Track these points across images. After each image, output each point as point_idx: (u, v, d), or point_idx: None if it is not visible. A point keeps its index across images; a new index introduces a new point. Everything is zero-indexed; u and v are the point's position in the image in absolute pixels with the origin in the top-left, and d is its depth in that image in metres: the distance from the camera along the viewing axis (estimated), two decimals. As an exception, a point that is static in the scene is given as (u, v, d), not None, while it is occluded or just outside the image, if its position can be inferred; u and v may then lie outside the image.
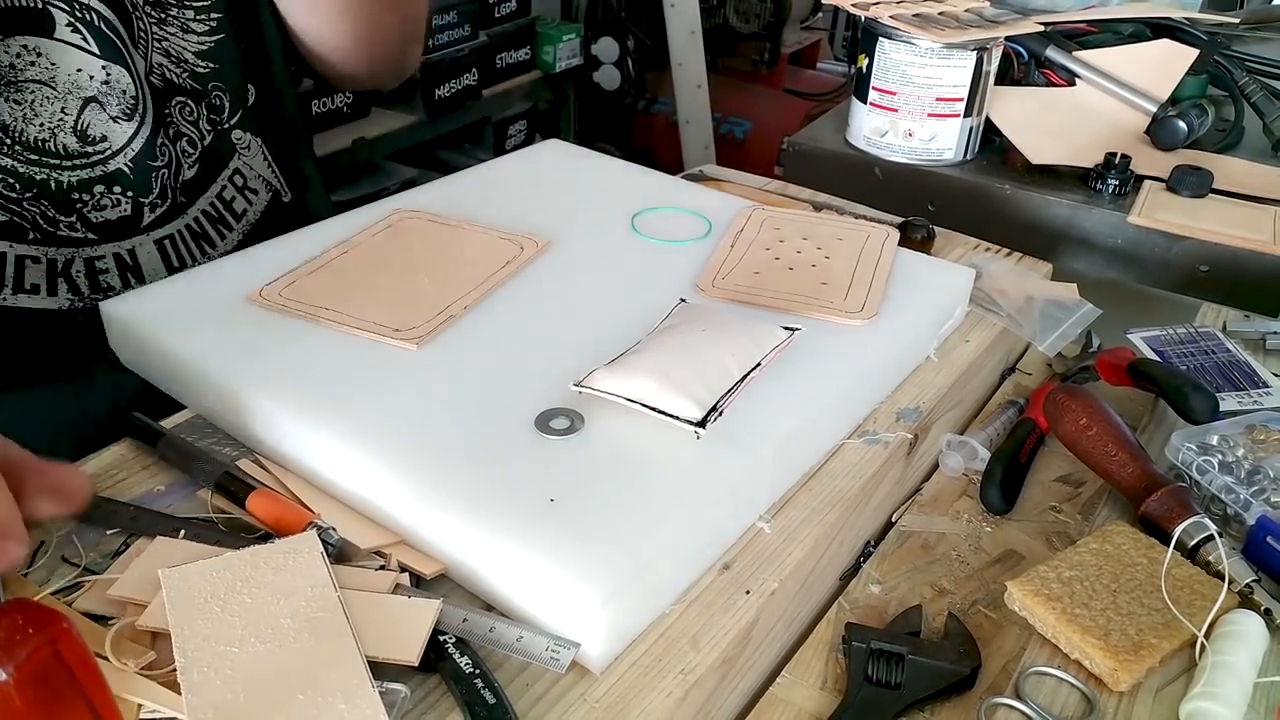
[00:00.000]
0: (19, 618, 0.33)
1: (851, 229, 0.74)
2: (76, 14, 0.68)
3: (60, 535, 0.50)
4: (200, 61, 0.76)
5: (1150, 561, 0.53)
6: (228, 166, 0.80)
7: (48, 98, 0.68)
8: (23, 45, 0.66)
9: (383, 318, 0.60)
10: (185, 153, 0.76)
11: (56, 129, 0.69)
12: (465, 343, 0.59)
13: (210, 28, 0.76)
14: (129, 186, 0.72)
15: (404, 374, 0.56)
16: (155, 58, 0.73)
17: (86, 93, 0.69)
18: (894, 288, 0.68)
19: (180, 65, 0.75)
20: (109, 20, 0.69)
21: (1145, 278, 0.94)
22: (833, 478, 0.56)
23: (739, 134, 2.65)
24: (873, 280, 0.67)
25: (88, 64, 0.69)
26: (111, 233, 0.72)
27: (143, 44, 0.72)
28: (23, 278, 0.69)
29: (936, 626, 0.53)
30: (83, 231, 0.71)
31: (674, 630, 0.46)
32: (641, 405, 0.52)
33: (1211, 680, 0.46)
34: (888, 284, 0.67)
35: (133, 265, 0.74)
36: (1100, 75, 1.07)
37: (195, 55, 0.75)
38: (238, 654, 0.41)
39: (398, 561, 0.48)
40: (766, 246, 0.71)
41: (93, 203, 0.71)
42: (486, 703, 0.41)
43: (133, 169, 0.72)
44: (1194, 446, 0.60)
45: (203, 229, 0.78)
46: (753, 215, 0.76)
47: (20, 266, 0.69)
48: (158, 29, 0.73)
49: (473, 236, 0.71)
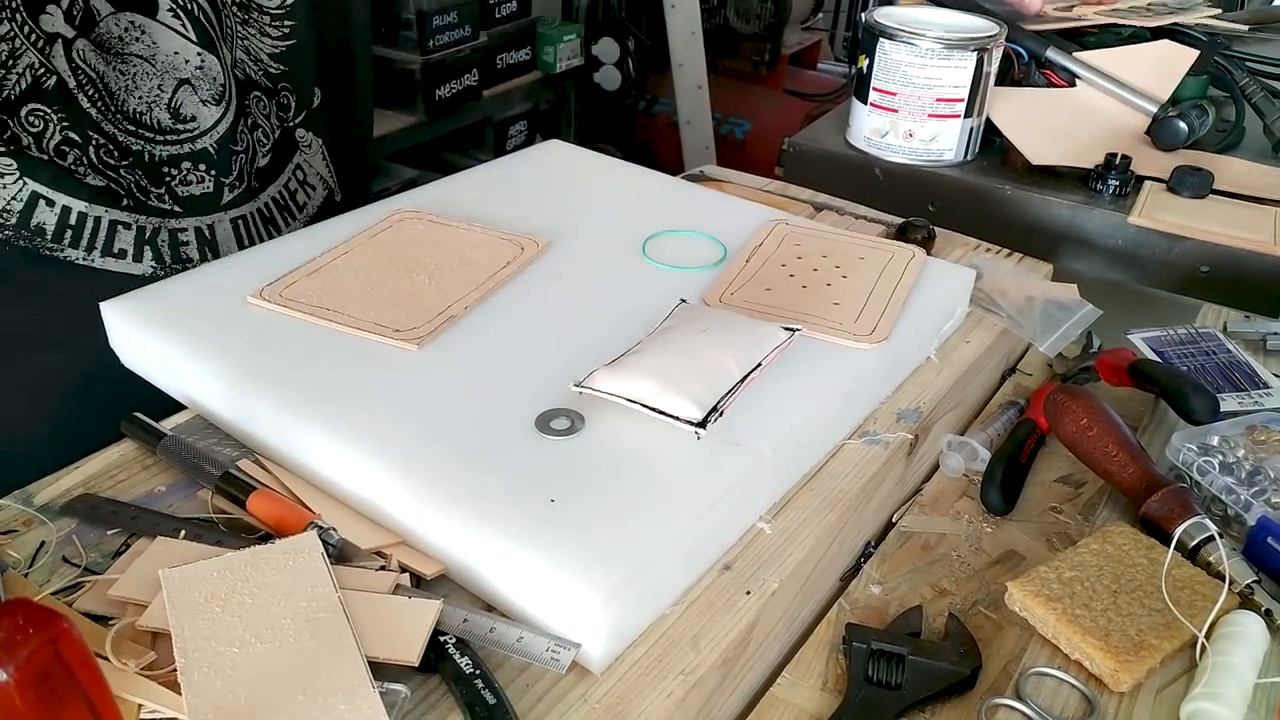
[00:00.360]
0: (19, 618, 0.33)
1: (875, 248, 0.72)
2: (179, 1, 0.74)
3: (60, 535, 0.50)
4: (273, 63, 0.83)
5: (1151, 562, 0.53)
6: (292, 161, 0.87)
7: (147, 73, 0.74)
8: (130, 20, 0.72)
9: (383, 318, 0.60)
10: (260, 142, 0.83)
11: (153, 104, 0.75)
12: (466, 343, 0.59)
13: (284, 33, 0.83)
14: (212, 165, 0.78)
15: (404, 374, 0.56)
16: (238, 53, 0.80)
17: (181, 74, 0.76)
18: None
19: (257, 63, 0.82)
20: (206, 12, 0.76)
21: (1146, 278, 0.94)
22: (833, 478, 0.56)
23: (739, 134, 2.64)
24: (889, 303, 0.65)
25: (184, 48, 0.75)
26: (195, 207, 0.78)
27: (229, 39, 0.79)
28: (113, 242, 0.75)
29: (937, 627, 0.53)
30: (170, 204, 0.77)
31: (674, 631, 0.46)
32: (642, 406, 0.52)
33: (1212, 681, 0.46)
34: (905, 306, 0.65)
35: (210, 240, 0.80)
36: (1100, 76, 1.07)
37: (269, 56, 0.83)
38: (238, 654, 0.41)
39: (398, 562, 0.48)
40: (783, 263, 0.70)
41: (180, 177, 0.77)
42: (487, 703, 0.41)
43: (216, 150, 0.78)
44: (1194, 447, 0.60)
45: (271, 215, 0.85)
46: (774, 230, 0.74)
47: (112, 231, 0.74)
48: (241, 28, 0.80)
49: (473, 237, 0.70)
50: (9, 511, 0.51)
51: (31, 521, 0.51)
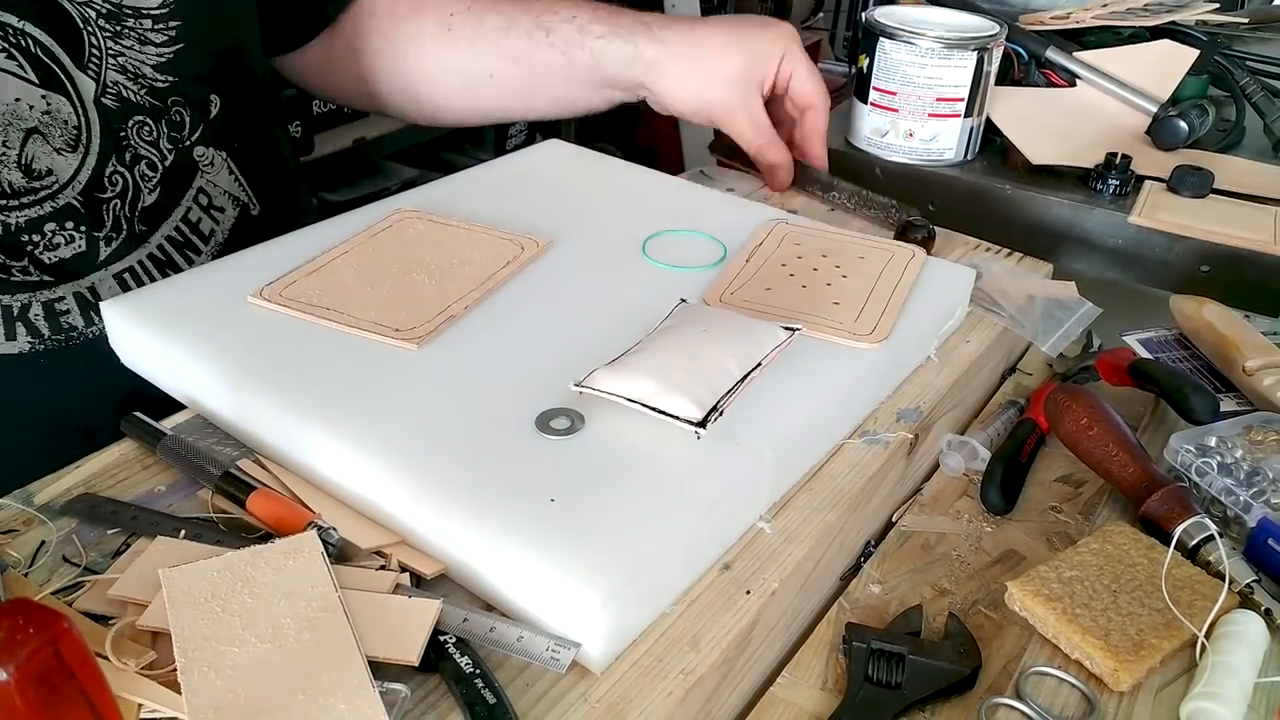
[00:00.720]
0: (19, 618, 0.33)
1: (875, 247, 0.72)
2: (10, 39, 0.64)
3: (60, 535, 0.50)
4: (159, 75, 0.72)
5: (1151, 562, 0.53)
6: (192, 187, 0.76)
7: None
8: None
9: (383, 318, 0.60)
10: (145, 176, 0.72)
11: (1, 163, 0.65)
12: (466, 342, 0.59)
13: (169, 37, 0.72)
14: (81, 221, 0.68)
15: (404, 374, 0.56)
16: (110, 75, 0.69)
17: (28, 123, 0.65)
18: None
19: (138, 81, 0.71)
20: (45, 45, 0.65)
21: (1146, 278, 0.94)
22: (833, 478, 0.56)
23: (739, 134, 2.64)
24: (889, 303, 0.65)
25: (26, 93, 0.65)
26: (68, 272, 0.69)
27: (95, 63, 0.68)
28: None
29: (937, 627, 0.53)
30: (37, 274, 0.67)
31: (674, 630, 0.46)
32: (642, 405, 0.52)
33: (1212, 680, 0.46)
34: (905, 306, 0.65)
35: (94, 303, 0.70)
36: (1100, 75, 1.07)
37: (154, 69, 0.71)
38: (238, 654, 0.41)
39: (398, 561, 0.48)
40: (783, 262, 0.70)
41: (44, 242, 0.67)
42: (487, 703, 0.41)
43: (82, 202, 0.68)
44: (1192, 448, 0.60)
45: (168, 256, 0.74)
46: (774, 229, 0.74)
47: None
48: (113, 44, 0.69)
49: (473, 236, 0.70)
50: (9, 511, 0.51)
51: (31, 521, 0.51)
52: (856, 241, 0.73)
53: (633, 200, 0.79)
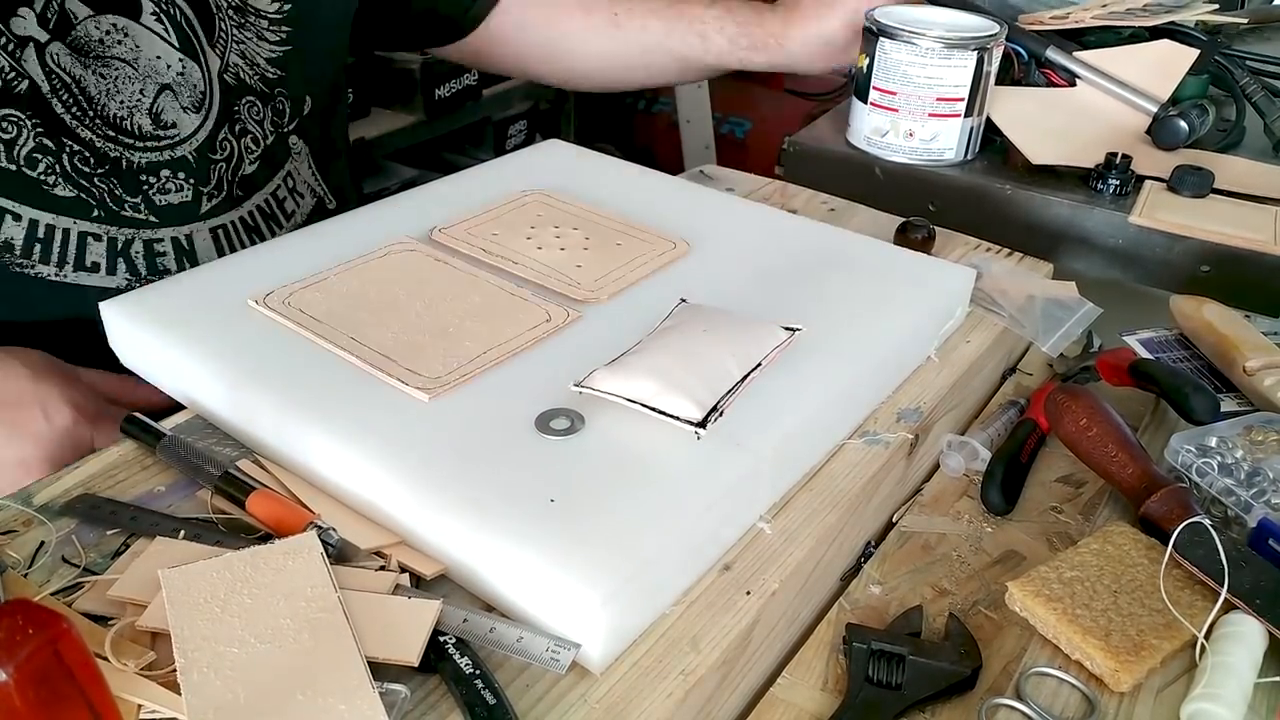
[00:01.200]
0: (19, 618, 0.33)
1: (642, 238, 0.71)
2: (162, 6, 0.74)
3: (60, 535, 0.50)
4: (270, 68, 0.82)
5: (1151, 562, 0.53)
6: (283, 168, 0.85)
7: (129, 77, 0.73)
8: (112, 23, 0.71)
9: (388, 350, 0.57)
10: (248, 149, 0.81)
11: (135, 109, 0.74)
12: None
13: (280, 38, 0.82)
14: (191, 174, 0.77)
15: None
16: (232, 57, 0.79)
17: (163, 79, 0.75)
18: (894, 288, 0.67)
19: (253, 68, 0.81)
20: (189, 18, 0.75)
21: (1146, 278, 0.94)
22: (833, 478, 0.56)
23: (739, 134, 2.64)
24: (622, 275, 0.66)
25: (166, 53, 0.74)
26: (172, 217, 0.77)
27: (222, 43, 0.78)
28: (84, 255, 0.73)
29: (937, 627, 0.53)
30: (145, 213, 0.75)
31: (674, 631, 0.46)
32: (642, 405, 0.52)
33: (1212, 681, 0.46)
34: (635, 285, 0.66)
35: (189, 250, 0.78)
36: (1100, 75, 1.07)
37: (266, 61, 0.82)
38: (238, 654, 0.41)
39: (398, 562, 0.48)
40: (531, 225, 0.72)
41: (159, 185, 0.75)
42: (487, 703, 0.41)
43: (195, 158, 0.77)
44: (1193, 448, 0.60)
45: (255, 223, 0.83)
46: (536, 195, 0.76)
47: (82, 243, 0.73)
48: (237, 32, 0.79)
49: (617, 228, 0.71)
50: (9, 511, 0.51)
51: (31, 521, 0.51)
52: (620, 230, 0.73)
53: (633, 200, 0.79)
